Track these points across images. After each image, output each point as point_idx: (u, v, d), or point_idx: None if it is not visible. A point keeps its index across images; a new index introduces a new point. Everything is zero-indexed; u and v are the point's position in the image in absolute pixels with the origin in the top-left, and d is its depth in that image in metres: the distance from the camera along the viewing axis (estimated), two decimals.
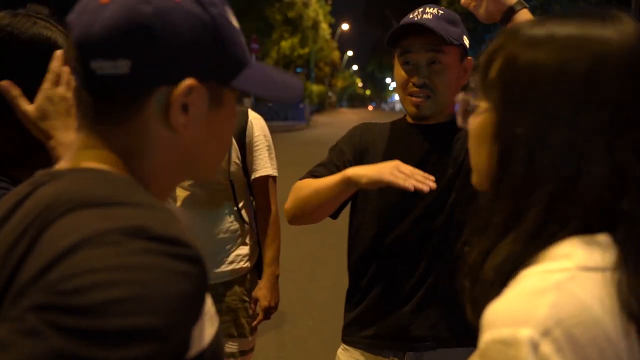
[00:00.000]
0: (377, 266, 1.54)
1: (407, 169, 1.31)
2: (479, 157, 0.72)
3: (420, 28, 1.47)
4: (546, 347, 0.54)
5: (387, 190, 1.42)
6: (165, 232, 0.56)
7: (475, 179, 0.75)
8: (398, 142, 1.58)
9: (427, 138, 1.55)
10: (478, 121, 0.71)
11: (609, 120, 0.62)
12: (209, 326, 0.62)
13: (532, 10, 1.42)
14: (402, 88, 1.53)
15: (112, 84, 0.63)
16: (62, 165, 0.69)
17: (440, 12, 1.51)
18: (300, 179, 1.57)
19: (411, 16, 1.53)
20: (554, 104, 0.63)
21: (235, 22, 0.70)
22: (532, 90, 0.64)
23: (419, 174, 1.30)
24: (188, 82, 0.64)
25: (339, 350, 1.62)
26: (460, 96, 0.74)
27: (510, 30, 0.70)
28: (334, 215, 1.59)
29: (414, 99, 1.50)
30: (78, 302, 0.50)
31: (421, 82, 1.48)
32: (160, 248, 0.54)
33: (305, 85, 29.66)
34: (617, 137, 0.62)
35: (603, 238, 0.62)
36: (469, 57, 1.56)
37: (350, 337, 1.59)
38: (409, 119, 1.60)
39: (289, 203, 1.55)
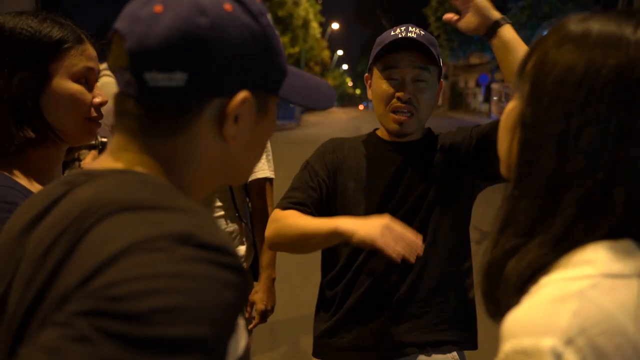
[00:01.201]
0: (351, 277, 1.52)
1: (397, 229, 1.25)
2: (502, 145, 0.72)
3: (409, 44, 1.45)
4: (570, 357, 0.52)
5: (361, 204, 1.44)
6: (212, 239, 0.55)
7: (501, 166, 0.75)
8: (371, 159, 1.56)
9: (401, 155, 1.53)
10: (506, 110, 0.71)
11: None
12: (241, 337, 0.61)
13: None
14: (384, 103, 1.50)
15: (165, 96, 0.62)
16: (97, 165, 0.67)
17: (422, 32, 1.49)
18: (279, 207, 1.53)
19: (393, 33, 1.49)
20: (580, 103, 0.62)
21: (277, 31, 0.70)
22: (560, 87, 0.63)
23: (407, 236, 1.25)
24: (243, 94, 0.64)
25: None
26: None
27: (556, 25, 0.69)
28: None
29: (397, 116, 1.48)
30: (129, 308, 0.49)
31: (407, 98, 1.47)
32: (208, 256, 0.53)
33: None
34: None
35: (627, 244, 0.60)
36: (442, 80, 1.57)
37: (324, 348, 1.57)
38: (381, 135, 1.58)
39: (270, 233, 1.50)
